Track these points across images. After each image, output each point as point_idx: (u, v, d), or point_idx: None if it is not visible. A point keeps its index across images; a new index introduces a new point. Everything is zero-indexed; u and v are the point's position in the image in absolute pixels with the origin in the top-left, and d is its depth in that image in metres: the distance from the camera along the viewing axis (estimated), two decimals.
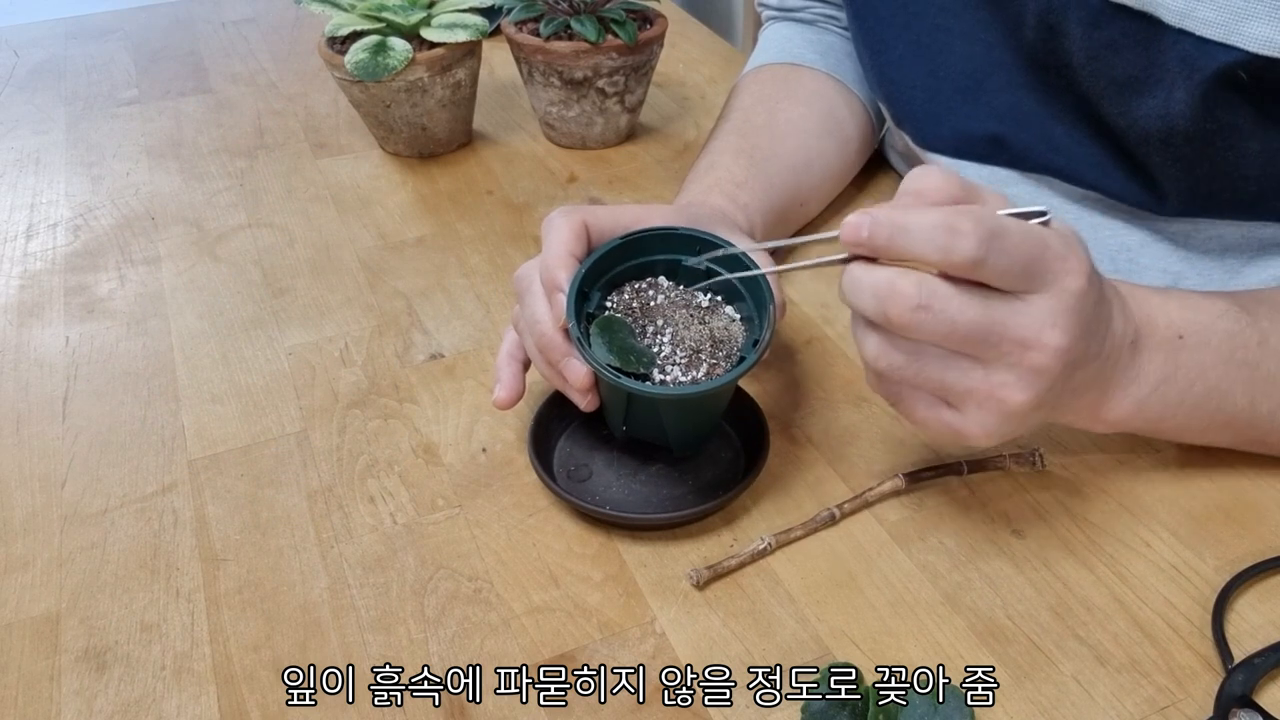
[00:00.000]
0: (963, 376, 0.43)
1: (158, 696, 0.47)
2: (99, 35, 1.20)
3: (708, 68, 1.08)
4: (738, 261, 0.53)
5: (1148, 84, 0.56)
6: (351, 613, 0.50)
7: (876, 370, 0.45)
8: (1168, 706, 0.45)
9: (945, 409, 0.45)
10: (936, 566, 0.52)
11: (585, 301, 0.52)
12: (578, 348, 0.50)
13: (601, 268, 0.52)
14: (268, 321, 0.71)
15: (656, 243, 0.54)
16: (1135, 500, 0.55)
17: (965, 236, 0.39)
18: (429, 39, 0.83)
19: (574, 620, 0.50)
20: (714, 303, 0.54)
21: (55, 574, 0.53)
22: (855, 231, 0.41)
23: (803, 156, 0.73)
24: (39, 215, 0.85)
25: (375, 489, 0.57)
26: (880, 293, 0.41)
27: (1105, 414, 0.49)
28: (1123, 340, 0.47)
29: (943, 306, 0.40)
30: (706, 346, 0.51)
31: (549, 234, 0.53)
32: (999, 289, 0.41)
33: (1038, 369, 0.42)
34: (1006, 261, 0.40)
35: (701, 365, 0.51)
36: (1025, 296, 0.42)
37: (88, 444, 0.61)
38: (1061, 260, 0.42)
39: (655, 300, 0.53)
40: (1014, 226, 0.41)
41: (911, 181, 0.43)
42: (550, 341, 0.52)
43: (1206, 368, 0.49)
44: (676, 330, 0.52)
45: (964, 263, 0.40)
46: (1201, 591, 0.50)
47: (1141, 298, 0.49)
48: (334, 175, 0.89)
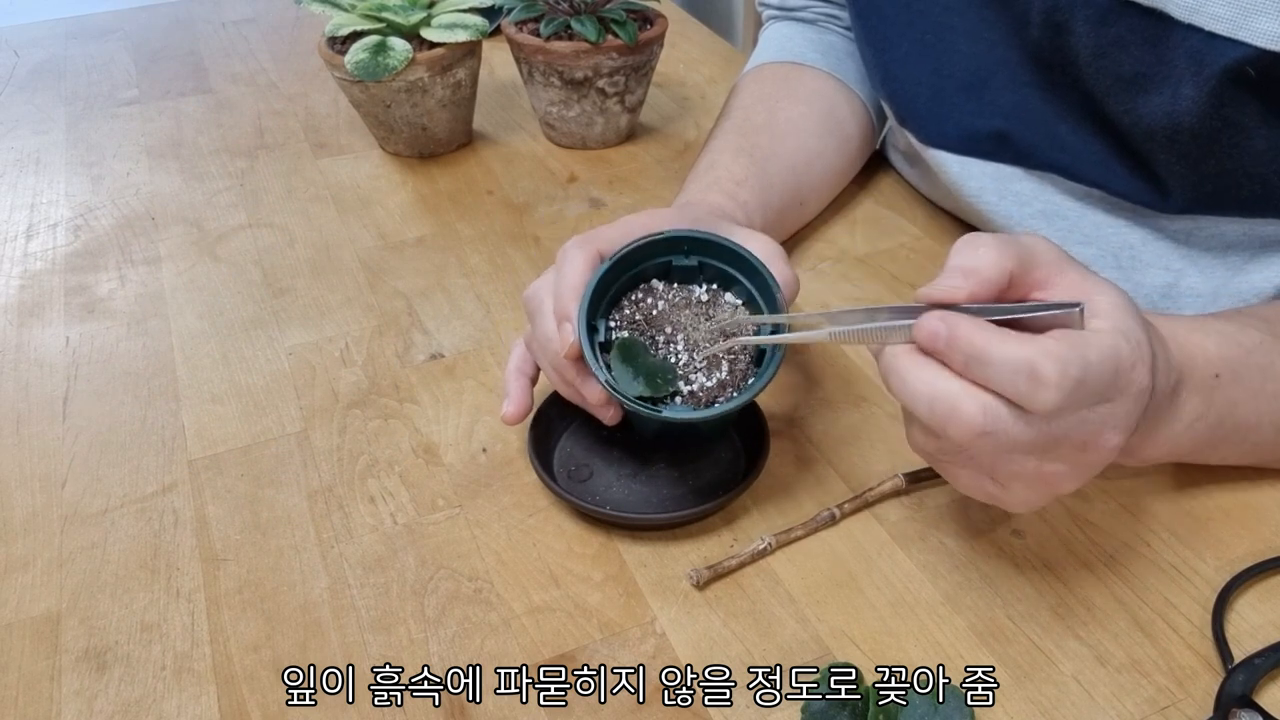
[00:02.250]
0: (1013, 466, 0.42)
1: (158, 696, 0.47)
2: (99, 35, 1.20)
3: (708, 68, 1.08)
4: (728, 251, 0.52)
5: (1154, 81, 0.56)
6: (351, 613, 0.50)
7: (920, 449, 0.44)
8: (1168, 706, 0.45)
9: (990, 482, 0.43)
10: (937, 566, 0.52)
11: (594, 334, 0.51)
12: (608, 391, 0.50)
13: (599, 295, 0.51)
14: (268, 321, 0.71)
15: (647, 251, 0.53)
16: (1135, 500, 0.54)
17: (1048, 388, 0.37)
18: (429, 39, 0.83)
19: (574, 620, 0.50)
20: (712, 293, 0.54)
21: (55, 574, 0.53)
22: (931, 339, 0.39)
23: (803, 155, 0.73)
24: (39, 215, 0.85)
25: (375, 489, 0.57)
26: (939, 411, 0.39)
27: (1141, 453, 0.48)
28: (1166, 388, 0.45)
29: (1006, 430, 0.39)
30: (720, 345, 0.51)
31: (564, 264, 0.52)
32: None
33: (1092, 464, 0.42)
34: (1084, 400, 0.39)
35: (722, 365, 0.51)
36: (1089, 409, 0.40)
37: (88, 444, 0.61)
38: (1130, 370, 0.40)
39: (656, 307, 0.53)
40: (1094, 360, 0.38)
41: (962, 258, 0.41)
42: (566, 363, 0.51)
43: (1238, 403, 0.49)
44: (687, 334, 0.52)
45: (1043, 411, 0.38)
46: (1202, 591, 0.50)
47: (1183, 338, 0.47)
48: (334, 175, 0.89)
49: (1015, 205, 0.68)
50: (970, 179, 0.69)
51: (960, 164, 0.69)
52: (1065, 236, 0.66)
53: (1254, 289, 0.61)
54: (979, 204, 0.69)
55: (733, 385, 0.51)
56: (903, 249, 0.77)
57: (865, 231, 0.79)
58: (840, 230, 0.79)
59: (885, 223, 0.80)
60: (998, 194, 0.68)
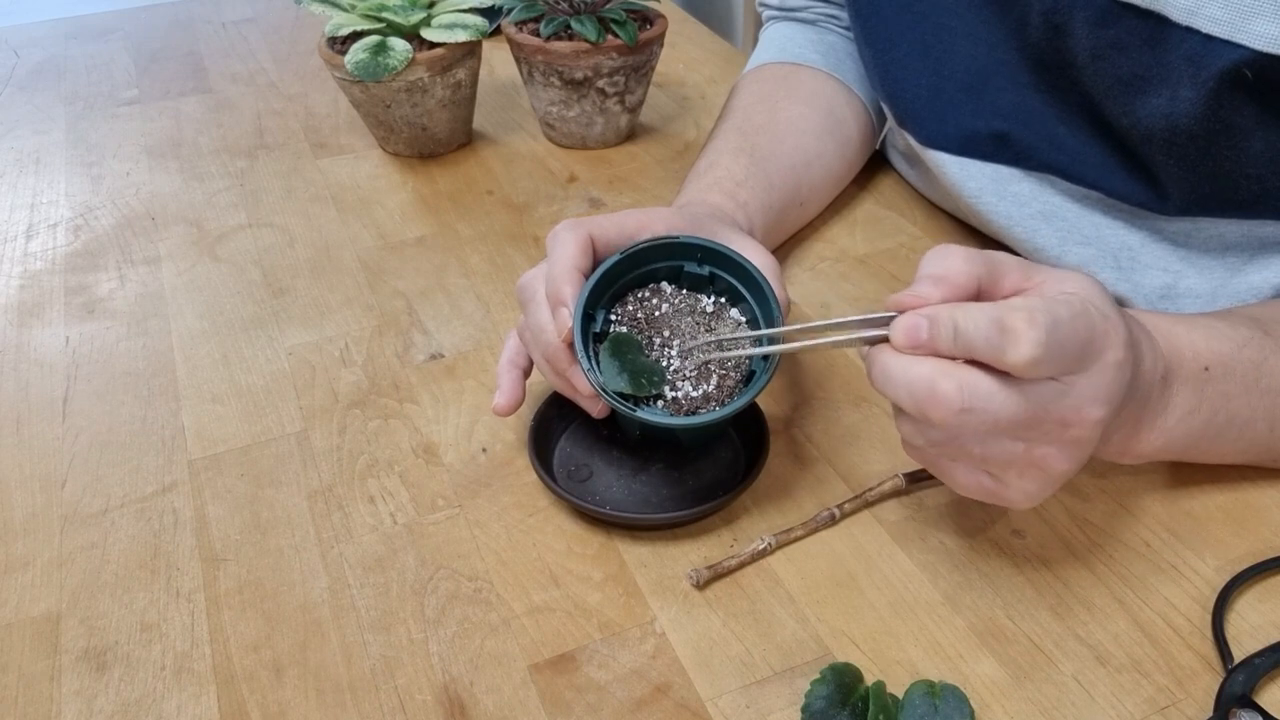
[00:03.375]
0: (1002, 452, 0.42)
1: (158, 696, 0.47)
2: (99, 35, 1.20)
3: (708, 68, 1.08)
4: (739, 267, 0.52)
5: (1152, 83, 0.56)
6: (351, 613, 0.50)
7: (913, 446, 0.45)
8: (1168, 706, 0.45)
9: (986, 477, 0.44)
10: (937, 566, 0.52)
11: (590, 322, 0.51)
12: (589, 379, 0.49)
13: (604, 285, 0.51)
14: (268, 321, 0.71)
15: (659, 252, 0.53)
16: (1135, 500, 0.54)
17: (1019, 339, 0.38)
18: (429, 39, 0.83)
19: (574, 620, 0.50)
20: (719, 306, 0.53)
21: (55, 574, 0.53)
22: (914, 335, 0.40)
23: (802, 156, 0.73)
24: (39, 215, 0.85)
25: (375, 489, 0.57)
26: (918, 394, 0.40)
27: (1134, 448, 0.49)
28: (1153, 377, 0.46)
29: (985, 405, 0.39)
30: (714, 356, 0.51)
31: (554, 248, 0.52)
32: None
33: (1079, 440, 0.42)
34: (1060, 358, 0.40)
35: (711, 377, 0.51)
36: (1067, 379, 0.41)
37: (88, 444, 0.61)
38: (1104, 337, 0.41)
39: (660, 309, 0.52)
40: (1064, 316, 0.39)
41: (932, 265, 0.42)
42: (557, 352, 0.51)
43: (1231, 397, 0.49)
44: (684, 341, 0.51)
45: (1021, 365, 0.39)
46: (1202, 591, 0.50)
47: (1166, 330, 0.48)
48: (334, 175, 0.89)
49: (1014, 206, 0.68)
50: (969, 180, 0.69)
51: (959, 165, 0.69)
52: (1064, 237, 0.66)
53: (1253, 289, 0.61)
54: (978, 205, 0.69)
55: (718, 400, 0.50)
56: (902, 249, 0.77)
57: (865, 231, 0.79)
58: (840, 230, 0.79)
59: (885, 223, 0.80)
60: (997, 195, 0.68)
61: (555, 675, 0.47)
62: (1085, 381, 0.41)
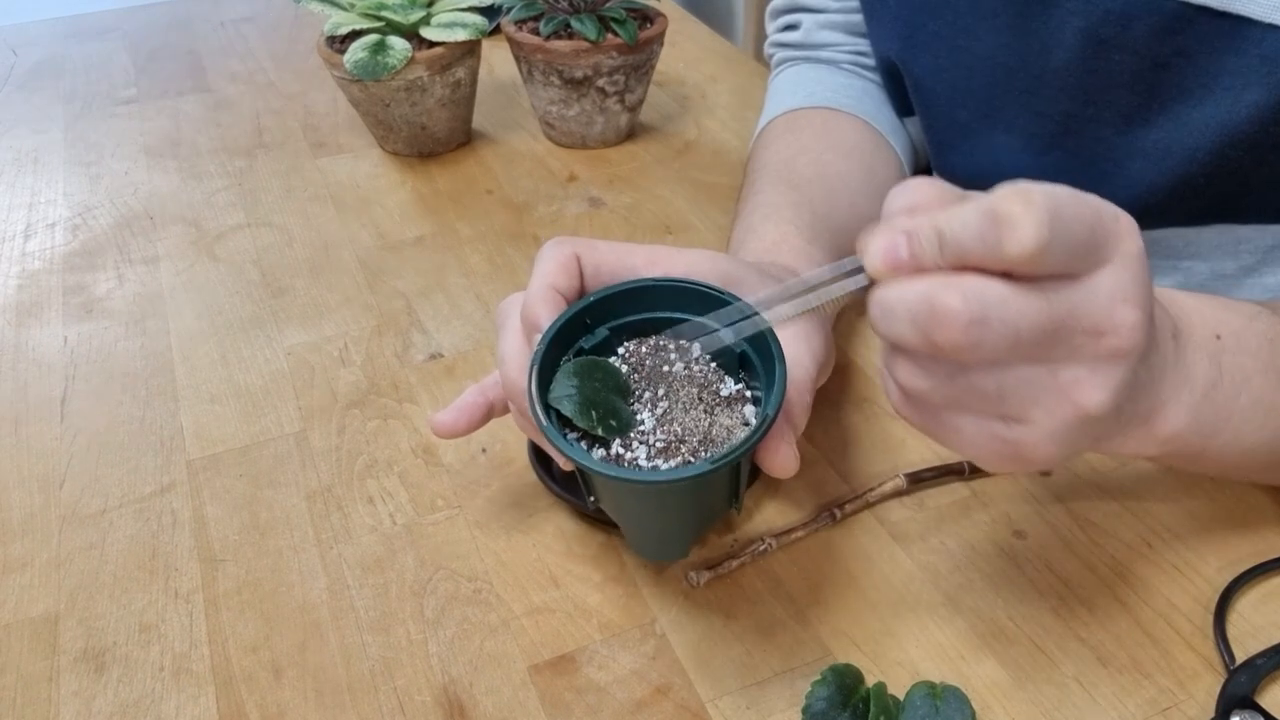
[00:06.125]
0: (1024, 383, 0.35)
1: (156, 697, 0.47)
2: (97, 34, 1.20)
3: (708, 67, 1.08)
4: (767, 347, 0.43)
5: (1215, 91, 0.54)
6: (351, 613, 0.50)
7: (914, 394, 0.38)
8: (1169, 708, 0.45)
9: (1000, 424, 0.37)
10: (938, 567, 0.51)
11: (587, 332, 0.45)
12: (527, 381, 0.42)
13: (608, 306, 0.45)
14: (267, 321, 0.71)
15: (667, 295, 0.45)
16: (1137, 501, 0.54)
17: (1017, 222, 0.32)
18: (428, 38, 0.83)
19: (574, 621, 0.49)
20: (738, 395, 0.44)
21: (54, 574, 0.53)
22: (893, 254, 0.34)
23: (854, 214, 0.67)
24: (37, 215, 0.85)
25: (374, 489, 0.57)
26: (920, 318, 0.34)
27: (1161, 426, 0.42)
28: (1164, 331, 0.40)
29: (1000, 315, 0.33)
30: (694, 440, 0.42)
31: (535, 267, 0.47)
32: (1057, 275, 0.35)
33: (1115, 354, 0.35)
34: (1069, 240, 0.33)
35: (676, 457, 0.41)
36: (1087, 276, 0.35)
37: (86, 444, 0.61)
38: (1114, 221, 0.35)
39: (673, 368, 0.44)
40: (1064, 196, 0.33)
41: (899, 198, 0.37)
42: (515, 385, 0.45)
43: (1250, 374, 0.44)
44: (671, 408, 0.43)
45: (1026, 255, 0.32)
46: (1203, 592, 0.50)
47: (1168, 295, 0.43)
48: (333, 175, 0.89)
49: None
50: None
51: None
52: None
53: (1265, 289, 0.61)
54: None
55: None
56: None
57: None
58: None
59: None
60: None
61: (555, 676, 0.47)
62: (1109, 276, 0.35)
